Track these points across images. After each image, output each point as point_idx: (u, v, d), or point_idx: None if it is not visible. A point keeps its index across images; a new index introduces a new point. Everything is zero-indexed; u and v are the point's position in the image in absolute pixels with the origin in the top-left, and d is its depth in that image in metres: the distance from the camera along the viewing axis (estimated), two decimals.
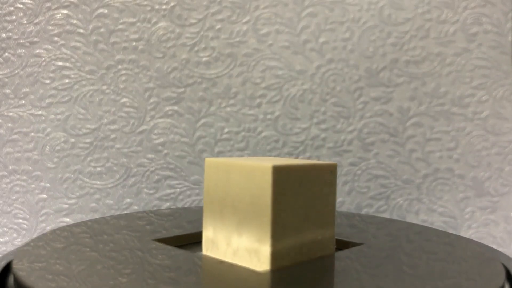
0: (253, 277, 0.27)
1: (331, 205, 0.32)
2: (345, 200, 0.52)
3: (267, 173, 0.29)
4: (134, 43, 0.52)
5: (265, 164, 0.29)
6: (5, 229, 0.54)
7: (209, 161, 0.32)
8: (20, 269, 0.27)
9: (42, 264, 0.28)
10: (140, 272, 0.27)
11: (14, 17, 0.53)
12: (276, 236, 0.29)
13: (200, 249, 0.35)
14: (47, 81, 0.53)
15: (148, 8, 0.52)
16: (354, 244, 0.34)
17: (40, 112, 0.53)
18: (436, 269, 0.28)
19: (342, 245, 0.35)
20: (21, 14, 0.52)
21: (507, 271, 0.30)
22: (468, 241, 0.35)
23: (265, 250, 0.28)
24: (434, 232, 0.38)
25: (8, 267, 0.30)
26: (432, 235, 0.37)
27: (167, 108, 0.52)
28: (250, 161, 0.31)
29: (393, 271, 0.28)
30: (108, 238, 0.34)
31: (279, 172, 0.29)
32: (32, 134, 0.53)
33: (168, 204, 0.53)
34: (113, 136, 0.53)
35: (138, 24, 0.52)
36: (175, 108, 0.52)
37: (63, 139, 0.53)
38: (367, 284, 0.26)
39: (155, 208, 0.53)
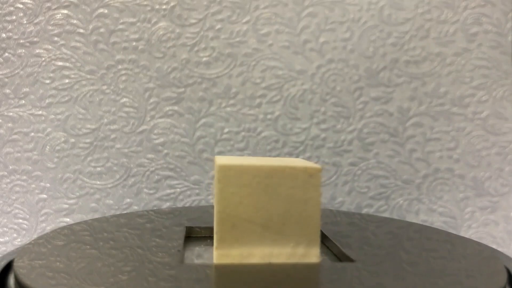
0: (251, 274, 0.27)
1: (312, 212, 0.29)
2: (345, 200, 0.52)
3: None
4: (134, 43, 0.52)
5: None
6: (5, 229, 0.54)
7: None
8: (21, 267, 0.27)
9: (43, 262, 0.28)
10: (141, 269, 0.27)
11: (14, 17, 0.53)
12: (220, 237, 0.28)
13: (200, 244, 0.35)
14: (47, 81, 0.53)
15: (148, 8, 0.52)
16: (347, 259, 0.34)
17: (40, 112, 0.53)
18: (436, 267, 0.28)
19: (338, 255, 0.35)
20: (21, 14, 0.53)
21: (508, 272, 0.30)
22: (468, 240, 0.35)
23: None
24: (434, 231, 0.38)
25: (8, 267, 0.30)
26: (432, 233, 0.37)
27: (167, 108, 0.52)
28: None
29: (393, 269, 0.28)
30: (108, 236, 0.34)
31: (224, 171, 0.28)
32: (32, 134, 0.53)
33: (168, 204, 0.53)
34: (113, 136, 0.53)
35: (138, 24, 0.52)
36: (175, 108, 0.52)
37: (63, 139, 0.53)
38: (367, 282, 0.26)
39: (155, 208, 0.53)
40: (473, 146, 0.51)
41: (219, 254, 0.29)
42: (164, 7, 0.52)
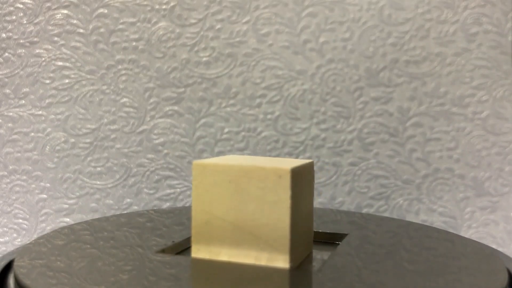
0: (253, 274, 0.27)
1: (281, 215, 0.28)
2: (345, 200, 0.52)
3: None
4: (134, 43, 0.52)
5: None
6: (5, 229, 0.54)
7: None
8: (21, 267, 0.27)
9: (43, 261, 0.28)
10: (141, 268, 0.27)
11: (14, 17, 0.53)
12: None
13: None
14: (47, 81, 0.53)
15: (148, 8, 0.52)
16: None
17: (40, 112, 0.53)
18: (436, 265, 0.28)
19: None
20: (21, 14, 0.53)
21: (508, 272, 0.30)
22: (468, 239, 0.35)
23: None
24: (434, 229, 0.38)
25: (8, 267, 0.30)
26: (432, 232, 0.37)
27: (167, 108, 0.52)
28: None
29: (394, 267, 0.28)
30: (108, 235, 0.34)
31: (199, 169, 0.29)
32: (32, 134, 0.53)
33: (168, 204, 0.53)
34: (113, 136, 0.53)
35: (138, 24, 0.52)
36: (175, 108, 0.52)
37: (63, 139, 0.53)
38: (368, 280, 0.26)
39: (155, 208, 0.53)
40: (473, 146, 0.51)
41: (195, 249, 0.30)
42: (164, 7, 0.52)
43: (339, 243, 0.35)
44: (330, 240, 0.36)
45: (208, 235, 0.29)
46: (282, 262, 0.28)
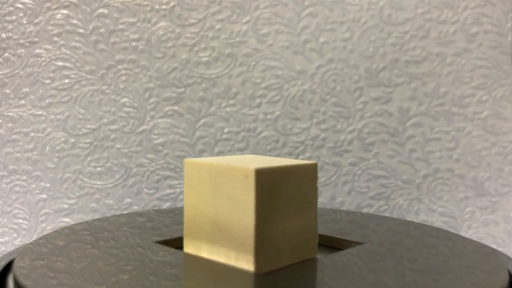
0: (250, 277, 0.27)
1: (246, 216, 0.28)
2: (345, 200, 0.52)
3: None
4: (134, 43, 0.52)
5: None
6: (5, 229, 0.54)
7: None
8: (22, 267, 0.27)
9: (44, 262, 0.28)
10: (142, 268, 0.27)
11: (14, 17, 0.53)
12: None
13: None
14: (47, 81, 0.53)
15: (148, 8, 0.52)
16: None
17: (40, 112, 0.53)
18: (436, 264, 0.28)
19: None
20: (21, 14, 0.53)
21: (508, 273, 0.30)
22: (468, 238, 0.35)
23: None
24: (434, 228, 0.38)
25: (8, 267, 0.30)
26: (432, 231, 0.37)
27: (167, 108, 0.52)
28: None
29: (394, 266, 0.28)
30: (108, 235, 0.34)
31: (188, 166, 0.30)
32: (32, 134, 0.53)
33: (168, 204, 0.53)
34: (113, 136, 0.53)
35: (138, 24, 0.52)
36: (175, 108, 0.52)
37: (63, 139, 0.53)
38: (368, 279, 0.26)
39: (155, 208, 0.53)
40: (473, 146, 0.51)
41: (186, 242, 0.31)
42: (164, 7, 0.52)
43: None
44: (343, 247, 0.36)
45: (195, 230, 0.30)
46: (246, 264, 0.27)
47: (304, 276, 0.26)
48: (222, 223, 0.29)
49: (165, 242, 0.33)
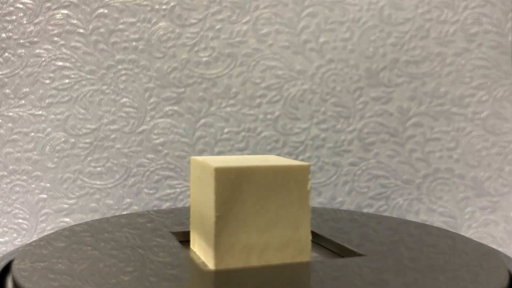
0: (248, 276, 0.27)
1: (208, 214, 0.28)
2: (345, 200, 0.52)
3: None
4: (134, 43, 0.52)
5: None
6: (5, 229, 0.54)
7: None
8: (22, 269, 0.27)
9: (44, 264, 0.28)
10: (142, 269, 0.27)
11: (14, 17, 0.53)
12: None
13: None
14: (47, 81, 0.53)
15: (148, 8, 0.52)
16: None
17: (40, 112, 0.53)
18: (437, 262, 0.28)
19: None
20: (21, 14, 0.52)
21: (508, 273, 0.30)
22: (467, 238, 0.35)
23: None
24: (434, 227, 0.38)
25: (8, 267, 0.30)
26: (432, 229, 0.37)
27: (167, 108, 0.52)
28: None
29: (395, 265, 0.28)
30: (109, 236, 0.34)
31: (192, 163, 0.32)
32: (32, 134, 0.53)
33: (168, 204, 0.53)
34: (113, 136, 0.53)
35: (138, 24, 0.52)
36: (175, 108, 0.52)
37: (63, 139, 0.53)
38: (369, 278, 0.26)
39: (155, 208, 0.53)
40: (473, 146, 0.51)
41: (191, 236, 0.33)
42: (164, 7, 0.52)
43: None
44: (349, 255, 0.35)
45: (195, 224, 0.32)
46: (210, 262, 0.28)
47: (271, 278, 0.26)
48: (202, 218, 0.30)
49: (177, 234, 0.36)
